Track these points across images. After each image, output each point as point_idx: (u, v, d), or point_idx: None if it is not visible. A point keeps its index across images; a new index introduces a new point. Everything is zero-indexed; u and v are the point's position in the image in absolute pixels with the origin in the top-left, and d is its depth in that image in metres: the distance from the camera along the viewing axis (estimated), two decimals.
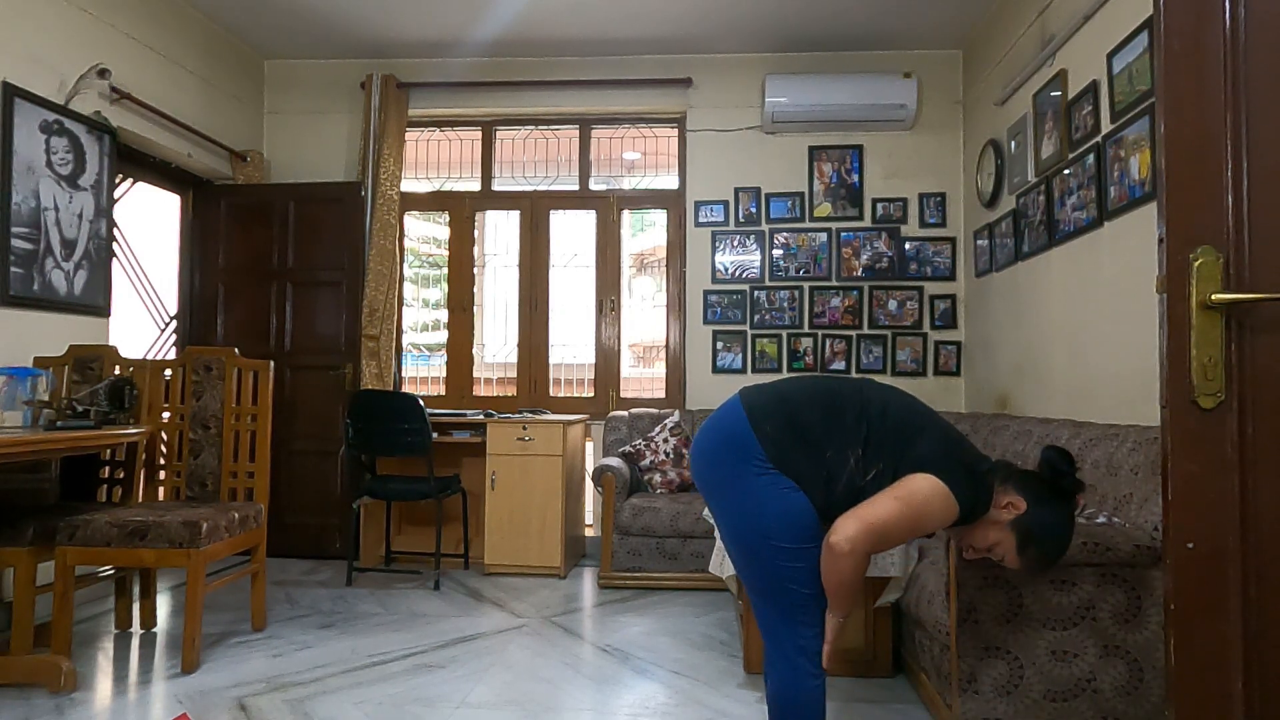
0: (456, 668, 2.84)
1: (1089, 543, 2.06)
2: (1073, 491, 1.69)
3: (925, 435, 1.66)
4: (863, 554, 1.57)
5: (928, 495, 1.58)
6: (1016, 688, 2.07)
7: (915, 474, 1.60)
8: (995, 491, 1.68)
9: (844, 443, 1.65)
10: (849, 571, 1.58)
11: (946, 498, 1.59)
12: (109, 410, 2.98)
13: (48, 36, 3.39)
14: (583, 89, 4.80)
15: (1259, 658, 1.11)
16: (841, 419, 1.67)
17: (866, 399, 1.71)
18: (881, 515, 1.56)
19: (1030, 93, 3.68)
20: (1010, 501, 1.66)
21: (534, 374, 4.96)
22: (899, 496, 1.58)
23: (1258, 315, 1.11)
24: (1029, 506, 1.65)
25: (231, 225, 4.68)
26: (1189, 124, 1.13)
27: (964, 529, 1.71)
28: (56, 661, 2.57)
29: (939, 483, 1.59)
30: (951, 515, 1.61)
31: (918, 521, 1.59)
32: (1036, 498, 1.66)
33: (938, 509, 1.59)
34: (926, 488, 1.58)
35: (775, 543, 1.64)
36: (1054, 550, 1.69)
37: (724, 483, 1.71)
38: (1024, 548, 1.66)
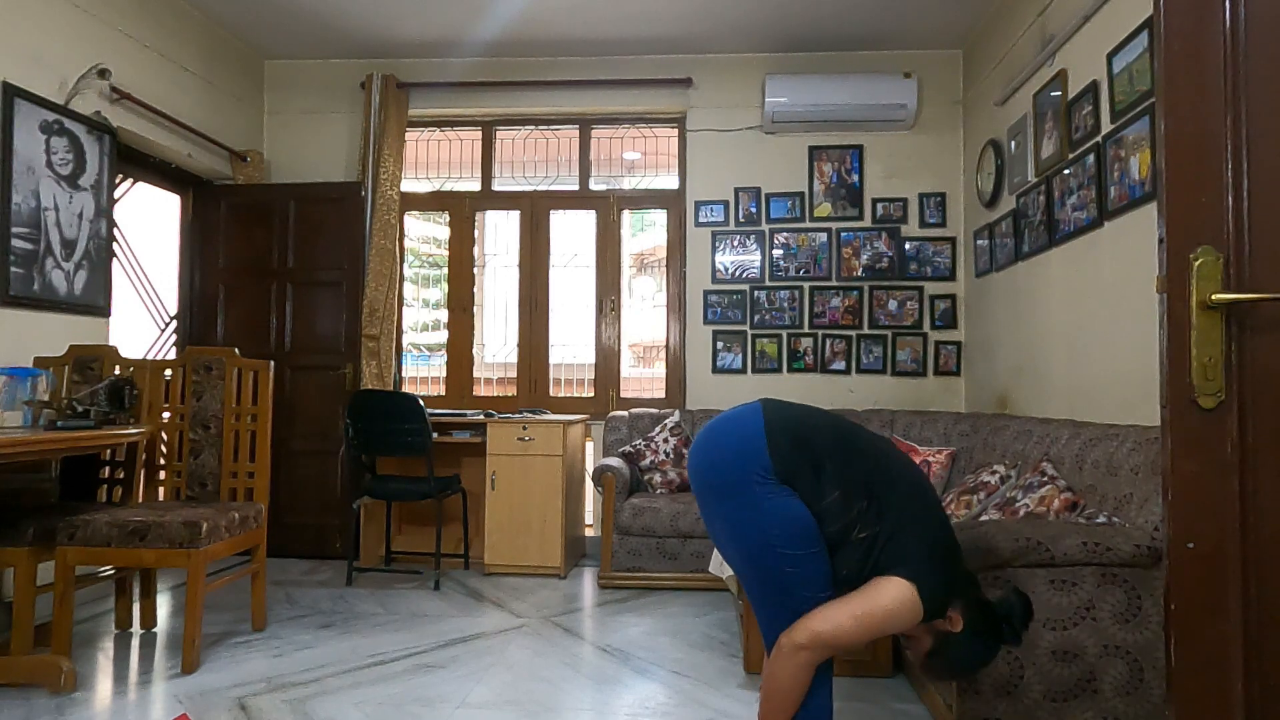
0: (456, 668, 2.84)
1: (1089, 543, 2.06)
2: (1006, 640, 1.69)
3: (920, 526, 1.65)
4: (805, 663, 1.58)
5: (895, 610, 1.58)
6: (1016, 688, 2.07)
7: (888, 578, 1.60)
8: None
9: (851, 491, 1.64)
10: (787, 677, 1.60)
11: (915, 609, 1.59)
12: (109, 410, 2.98)
13: (48, 36, 3.39)
14: (583, 89, 4.80)
15: (1259, 658, 1.11)
16: (856, 467, 1.67)
17: (887, 459, 1.70)
18: (835, 629, 1.58)
19: (1030, 93, 3.68)
20: (952, 615, 1.65)
21: (534, 374, 4.96)
22: (860, 614, 1.58)
23: (1258, 315, 1.11)
24: (963, 631, 1.64)
25: (231, 225, 4.68)
26: (1189, 124, 1.13)
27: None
28: (56, 661, 2.57)
29: (909, 589, 1.58)
30: (914, 620, 1.61)
31: (874, 635, 1.62)
32: (974, 631, 1.65)
33: (903, 621, 1.60)
34: (894, 603, 1.58)
35: (779, 549, 1.63)
36: (958, 671, 1.76)
37: (727, 487, 1.70)
38: (933, 655, 1.69)
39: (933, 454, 3.90)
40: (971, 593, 1.68)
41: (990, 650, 1.69)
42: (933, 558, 1.63)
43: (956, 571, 1.68)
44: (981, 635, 1.66)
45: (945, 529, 1.69)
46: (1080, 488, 2.58)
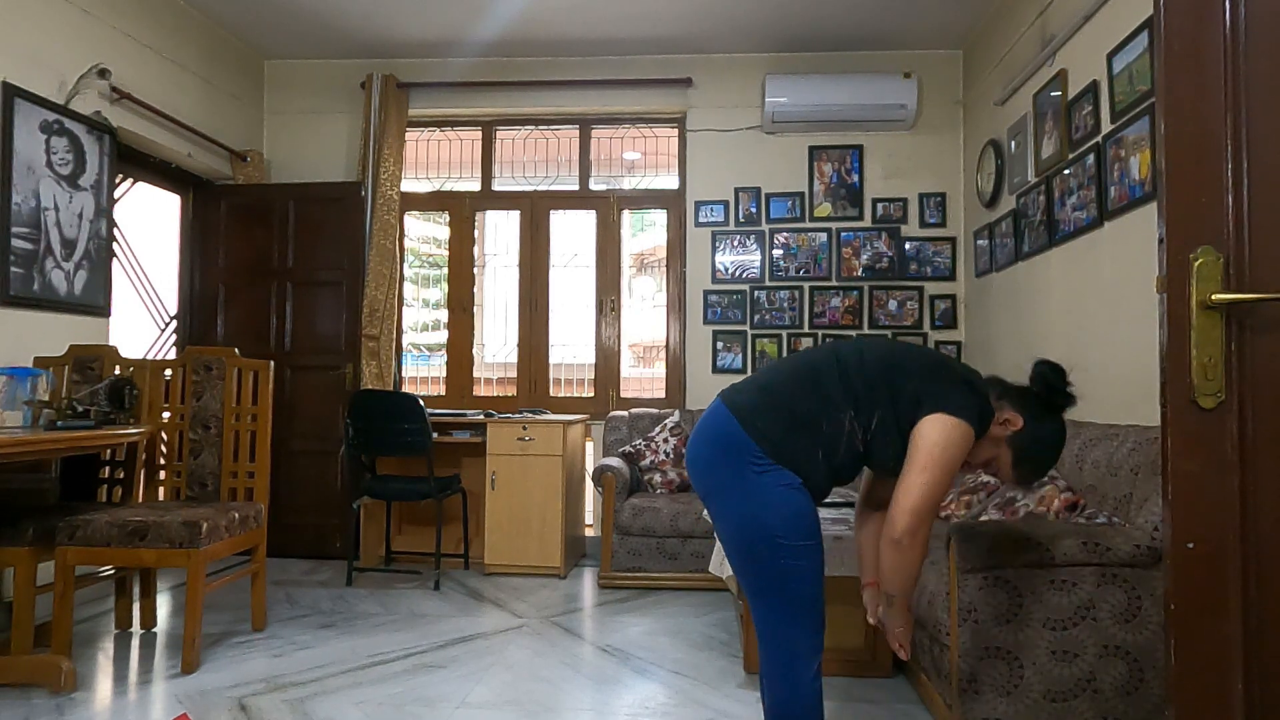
0: (456, 668, 2.84)
1: (1089, 543, 2.06)
2: (1065, 406, 1.70)
3: (911, 367, 1.66)
4: (924, 538, 1.59)
5: (945, 442, 1.57)
6: (1016, 688, 2.07)
7: (921, 422, 1.60)
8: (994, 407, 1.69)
9: (836, 410, 1.66)
10: (916, 561, 1.61)
11: (960, 428, 1.58)
12: (109, 410, 2.98)
13: (48, 36, 3.39)
14: (583, 89, 4.80)
15: (1259, 658, 1.11)
16: (826, 388, 1.68)
17: (842, 358, 1.71)
18: (919, 494, 1.56)
19: (1030, 93, 3.68)
20: (1006, 418, 1.68)
21: (534, 374, 4.96)
22: (923, 466, 1.57)
23: (1258, 315, 1.11)
24: (1025, 423, 1.67)
25: (231, 225, 4.68)
26: (1189, 124, 1.13)
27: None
28: (56, 661, 2.57)
29: (947, 419, 1.58)
30: (971, 440, 1.60)
31: (950, 472, 1.59)
32: (1032, 414, 1.68)
33: (959, 445, 1.58)
34: (940, 435, 1.57)
35: (780, 540, 1.64)
36: (1047, 462, 1.72)
37: (724, 486, 1.70)
38: (1019, 463, 1.69)
39: None
40: (1006, 388, 1.70)
41: (1058, 427, 1.70)
42: (943, 379, 1.64)
43: (975, 381, 1.68)
44: (1043, 416, 1.68)
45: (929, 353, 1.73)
46: (1080, 488, 2.58)
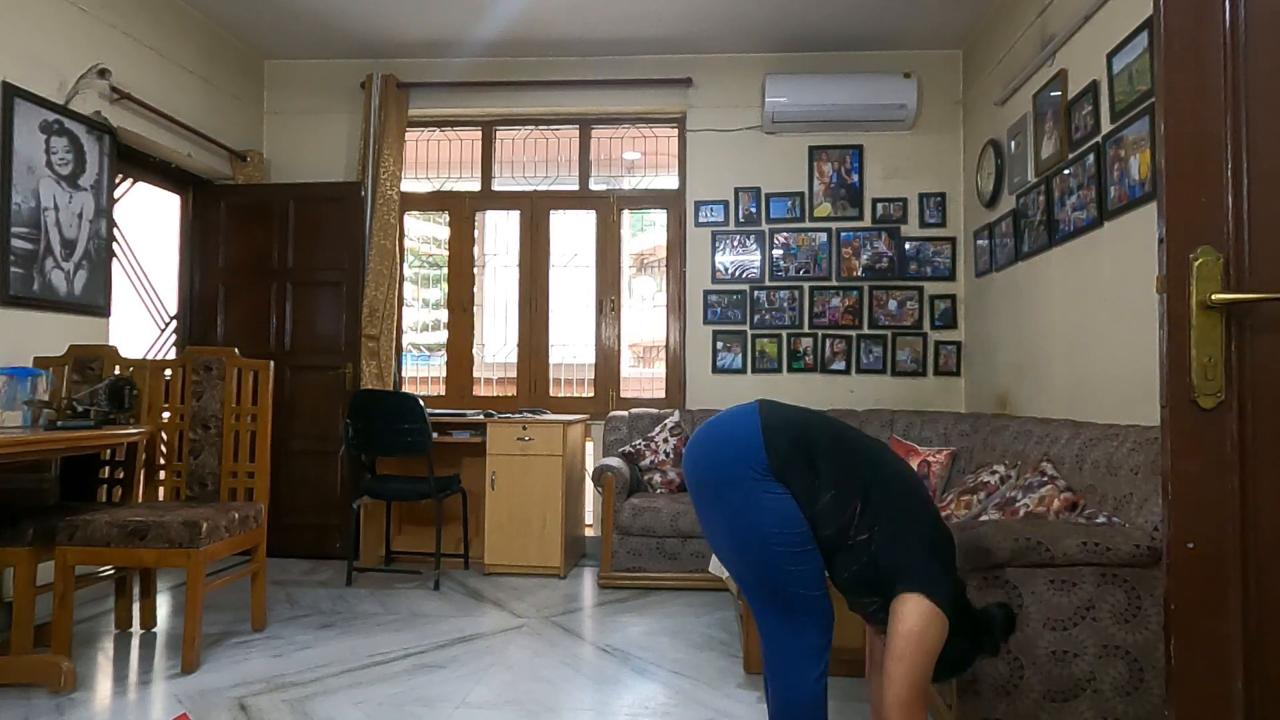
0: (456, 668, 2.84)
1: (1089, 543, 2.06)
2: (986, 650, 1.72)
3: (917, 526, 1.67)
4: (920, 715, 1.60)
5: (923, 628, 1.60)
6: (1016, 688, 2.07)
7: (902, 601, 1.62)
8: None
9: (847, 490, 1.66)
10: None
11: (936, 613, 1.60)
12: (109, 410, 2.98)
13: (48, 36, 3.39)
14: (583, 89, 4.80)
15: (1259, 658, 1.11)
16: (851, 469, 1.68)
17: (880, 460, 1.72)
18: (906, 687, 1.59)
19: (1030, 93, 3.68)
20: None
21: (534, 374, 4.96)
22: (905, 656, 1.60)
23: (1258, 315, 1.11)
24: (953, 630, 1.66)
25: (231, 225, 4.68)
26: (1189, 124, 1.13)
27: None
28: (56, 661, 2.57)
29: (922, 601, 1.60)
30: (945, 627, 1.62)
31: (931, 656, 1.61)
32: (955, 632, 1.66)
33: (936, 629, 1.61)
34: (918, 616, 1.60)
35: (776, 546, 1.65)
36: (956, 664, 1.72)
37: (725, 484, 1.71)
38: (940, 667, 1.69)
39: (933, 454, 3.90)
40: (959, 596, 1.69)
41: (966, 656, 1.71)
42: (932, 557, 1.65)
43: (953, 569, 1.70)
44: (960, 639, 1.67)
45: (940, 528, 1.71)
46: (1080, 488, 2.58)
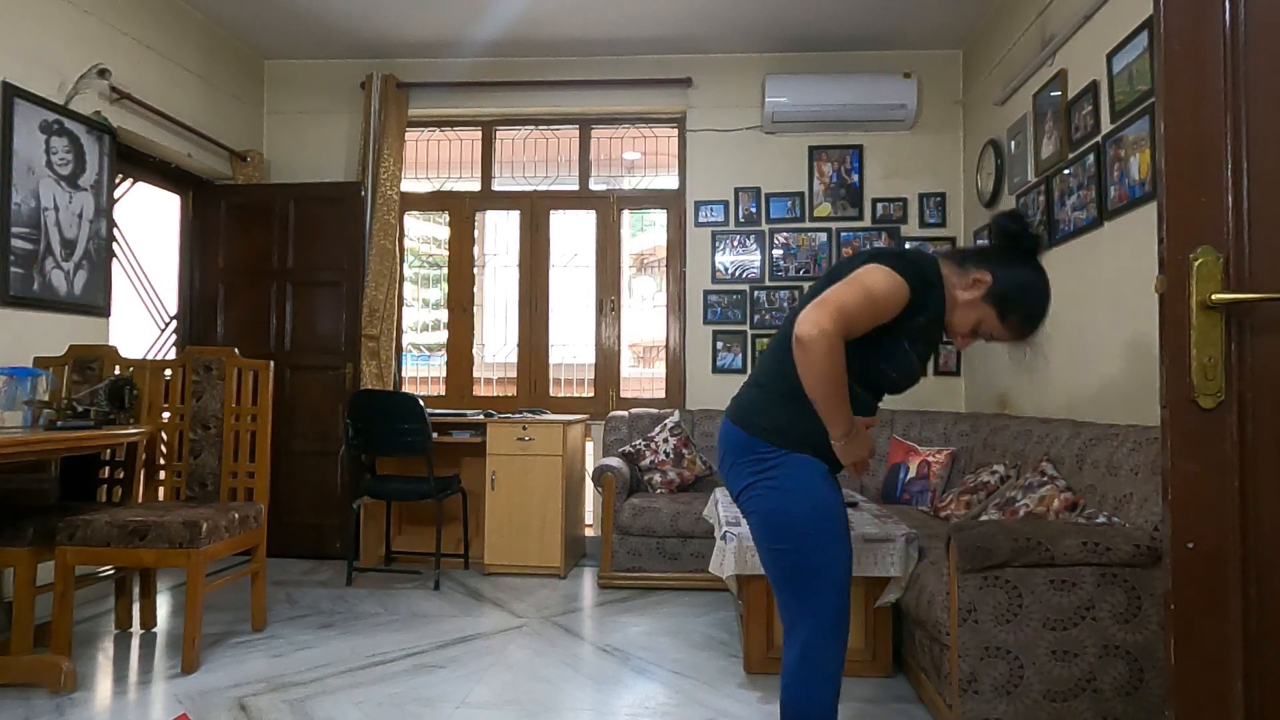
0: (456, 668, 2.84)
1: (1089, 543, 2.06)
2: (1032, 248, 1.70)
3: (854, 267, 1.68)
4: (835, 336, 1.53)
5: (874, 276, 1.59)
6: (1016, 688, 2.08)
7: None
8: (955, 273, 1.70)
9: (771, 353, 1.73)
10: (826, 360, 1.54)
11: (891, 275, 1.60)
12: (109, 410, 2.98)
13: (48, 36, 3.39)
14: (583, 89, 4.80)
15: (1259, 658, 1.11)
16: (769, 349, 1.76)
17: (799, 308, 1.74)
18: (840, 296, 1.56)
19: (1030, 93, 3.68)
20: (976, 278, 1.68)
21: (534, 374, 4.96)
22: (849, 280, 1.60)
23: (1258, 315, 1.11)
24: (996, 275, 1.67)
25: (231, 225, 4.68)
26: (1189, 124, 1.13)
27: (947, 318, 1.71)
28: (56, 661, 2.57)
29: (880, 267, 1.61)
30: (899, 290, 1.59)
31: (873, 299, 1.57)
32: (1000, 264, 1.67)
33: (886, 285, 1.59)
34: (870, 271, 1.60)
35: (802, 533, 1.66)
36: (1036, 306, 1.69)
37: (745, 488, 1.74)
38: (1005, 315, 1.67)
39: (933, 454, 3.90)
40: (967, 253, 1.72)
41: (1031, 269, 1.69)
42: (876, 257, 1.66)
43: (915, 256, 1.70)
44: (1012, 264, 1.67)
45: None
46: (1080, 488, 2.58)
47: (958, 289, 1.69)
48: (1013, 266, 1.68)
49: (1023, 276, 1.67)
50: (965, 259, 1.71)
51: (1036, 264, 1.71)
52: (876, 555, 2.62)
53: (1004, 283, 1.66)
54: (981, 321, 1.68)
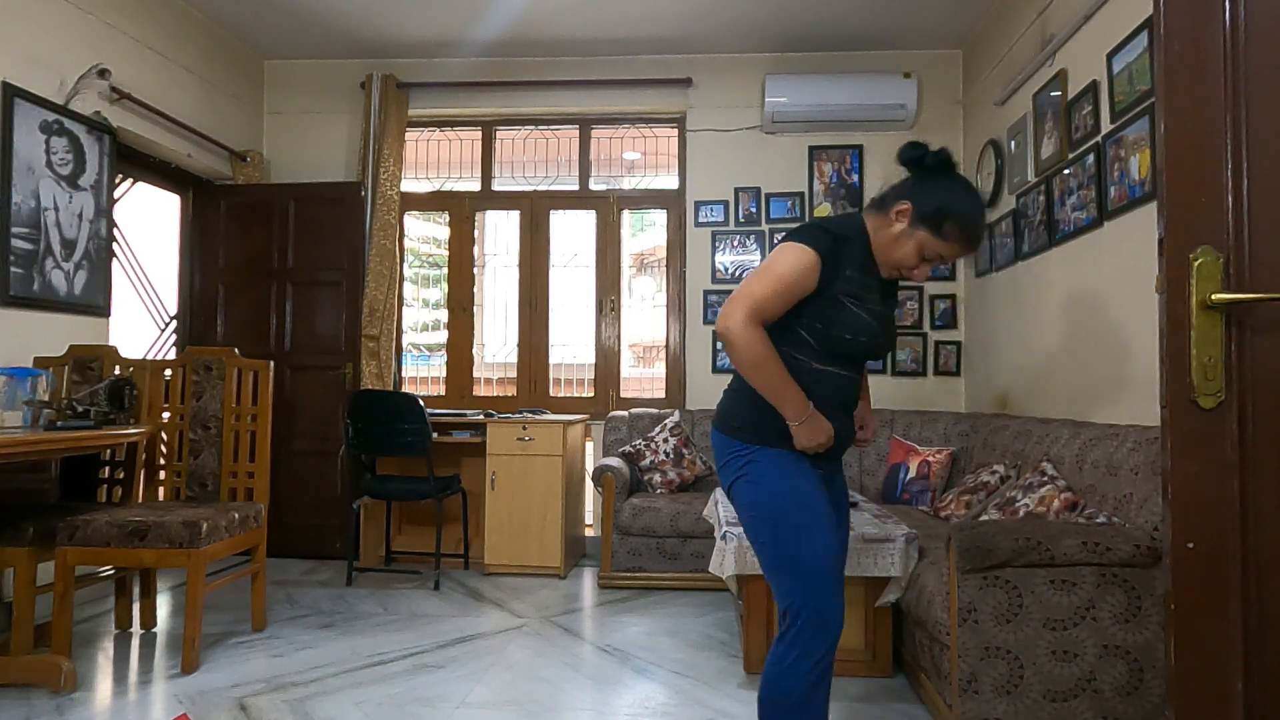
0: (456, 668, 2.84)
1: (1089, 543, 2.06)
2: (939, 165, 1.71)
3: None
4: (749, 324, 1.62)
5: (780, 257, 1.67)
6: (1016, 688, 2.08)
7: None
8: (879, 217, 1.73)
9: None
10: (746, 349, 1.63)
11: (796, 249, 1.66)
12: (109, 410, 2.98)
13: (48, 36, 3.39)
14: (583, 89, 4.80)
15: (1259, 658, 1.11)
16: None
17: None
18: (749, 286, 1.65)
19: (1030, 93, 3.68)
20: (898, 210, 1.70)
21: (534, 374, 4.96)
22: (759, 268, 1.69)
23: (1258, 315, 1.11)
24: (914, 198, 1.69)
25: (231, 225, 4.68)
26: (1189, 124, 1.13)
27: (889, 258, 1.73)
28: (56, 661, 2.57)
29: (788, 244, 1.69)
30: (805, 258, 1.65)
31: (779, 278, 1.65)
32: (914, 189, 1.70)
33: (792, 261, 1.65)
34: (778, 253, 1.68)
35: (778, 522, 1.70)
36: (965, 208, 1.68)
37: (728, 488, 1.81)
38: (939, 228, 1.67)
39: (933, 454, 3.90)
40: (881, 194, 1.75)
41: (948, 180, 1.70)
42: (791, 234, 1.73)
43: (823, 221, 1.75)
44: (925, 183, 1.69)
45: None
46: (1080, 488, 2.58)
47: (886, 228, 1.72)
48: (927, 184, 1.70)
49: (941, 188, 1.69)
50: (884, 200, 1.74)
51: (951, 175, 1.72)
52: (876, 555, 2.62)
53: (925, 201, 1.68)
54: (922, 246, 1.69)
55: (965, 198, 1.69)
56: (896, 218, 1.70)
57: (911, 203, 1.68)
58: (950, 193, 1.68)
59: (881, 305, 1.75)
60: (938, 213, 1.66)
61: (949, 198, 1.67)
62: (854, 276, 1.69)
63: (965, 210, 1.67)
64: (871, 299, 1.72)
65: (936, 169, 1.71)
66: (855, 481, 4.26)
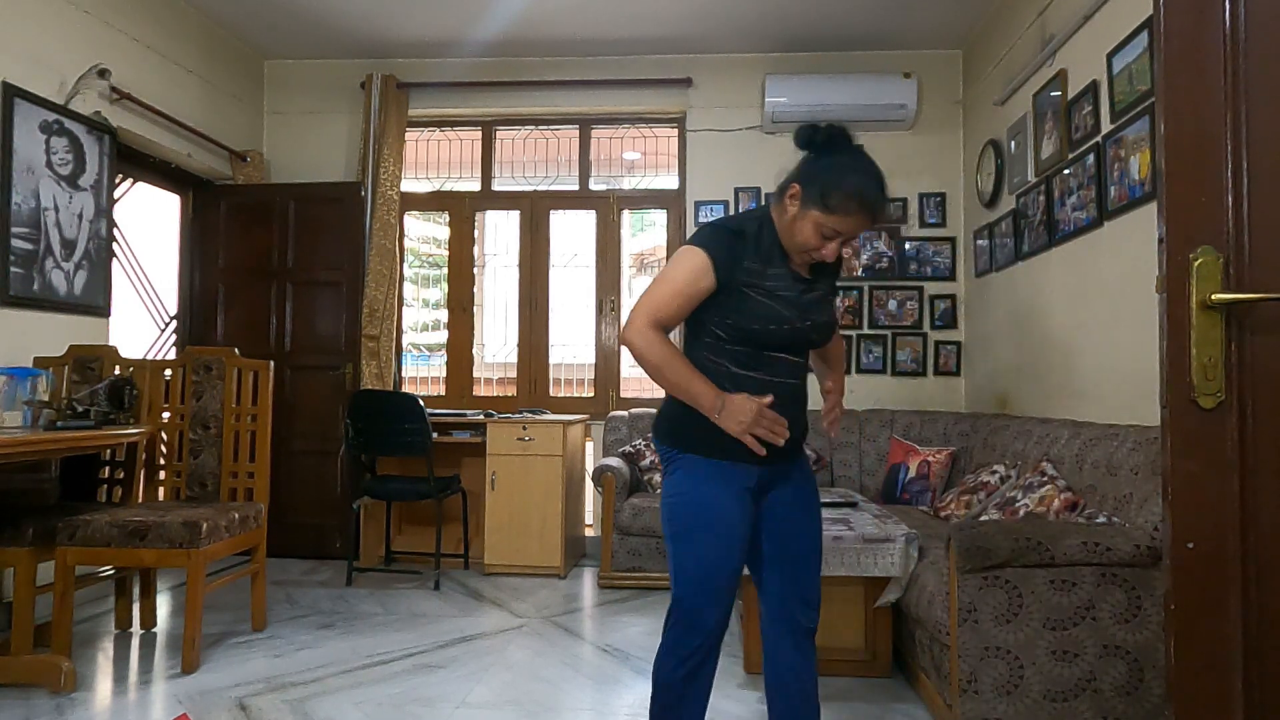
0: (456, 668, 2.84)
1: (1089, 543, 2.06)
2: (827, 141, 1.69)
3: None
4: (645, 330, 1.66)
5: (674, 264, 1.70)
6: (1016, 688, 2.08)
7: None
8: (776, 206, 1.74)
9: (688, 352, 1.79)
10: (646, 354, 1.66)
11: (689, 252, 1.69)
12: (109, 410, 2.98)
13: (48, 36, 3.39)
14: (583, 89, 4.80)
15: (1259, 658, 1.11)
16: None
17: None
18: (646, 295, 1.69)
19: (1030, 93, 3.68)
20: (789, 195, 1.69)
21: (534, 374, 4.96)
22: (656, 277, 1.72)
23: (1258, 315, 1.11)
24: (801, 180, 1.68)
25: (231, 225, 4.68)
26: (1189, 124, 1.13)
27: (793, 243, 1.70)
28: (56, 661, 2.57)
29: (684, 248, 1.71)
30: (695, 259, 1.67)
31: (673, 283, 1.68)
32: (802, 171, 1.69)
33: (684, 265, 1.68)
34: (674, 259, 1.71)
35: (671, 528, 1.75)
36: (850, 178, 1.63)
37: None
38: (827, 203, 1.63)
39: (933, 454, 3.90)
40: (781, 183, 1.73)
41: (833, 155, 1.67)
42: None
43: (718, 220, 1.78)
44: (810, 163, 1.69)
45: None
46: (1080, 488, 2.58)
47: (783, 214, 1.71)
48: (813, 163, 1.69)
49: (825, 165, 1.67)
50: (780, 187, 1.74)
51: (839, 150, 1.69)
52: (876, 555, 2.62)
53: (810, 180, 1.66)
54: (818, 225, 1.65)
55: (850, 168, 1.66)
56: (789, 202, 1.69)
57: (799, 184, 1.67)
58: (834, 169, 1.66)
59: (805, 291, 1.73)
60: (823, 189, 1.64)
61: (832, 173, 1.65)
62: (755, 268, 1.68)
63: (850, 181, 1.64)
64: (783, 286, 1.70)
65: (825, 146, 1.69)
66: (855, 481, 4.26)
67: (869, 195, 1.64)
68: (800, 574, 1.80)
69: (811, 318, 1.73)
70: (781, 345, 1.72)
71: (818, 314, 1.75)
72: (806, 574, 1.81)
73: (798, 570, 1.80)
